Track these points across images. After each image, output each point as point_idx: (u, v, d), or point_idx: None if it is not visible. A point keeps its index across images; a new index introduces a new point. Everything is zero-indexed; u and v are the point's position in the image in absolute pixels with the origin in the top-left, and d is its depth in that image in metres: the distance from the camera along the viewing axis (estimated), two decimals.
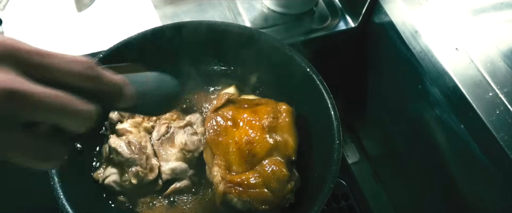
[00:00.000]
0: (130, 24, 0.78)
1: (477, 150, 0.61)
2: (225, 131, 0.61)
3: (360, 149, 1.00)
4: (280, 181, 0.58)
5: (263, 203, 0.58)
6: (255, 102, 0.67)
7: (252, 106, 0.65)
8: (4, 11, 0.80)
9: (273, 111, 0.63)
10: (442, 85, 0.65)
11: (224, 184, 0.59)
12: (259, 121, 0.61)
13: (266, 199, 0.58)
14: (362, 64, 0.88)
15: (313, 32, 0.80)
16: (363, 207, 0.84)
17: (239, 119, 0.62)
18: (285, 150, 0.61)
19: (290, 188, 0.59)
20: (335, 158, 0.58)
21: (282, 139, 0.61)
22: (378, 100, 0.89)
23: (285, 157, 0.60)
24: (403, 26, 0.71)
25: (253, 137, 0.60)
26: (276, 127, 0.62)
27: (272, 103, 0.65)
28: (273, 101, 0.66)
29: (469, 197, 0.68)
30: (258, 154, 0.59)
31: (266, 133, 0.61)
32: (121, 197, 0.62)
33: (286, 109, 0.64)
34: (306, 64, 0.65)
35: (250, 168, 0.59)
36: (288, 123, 0.63)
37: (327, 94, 0.63)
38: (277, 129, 0.62)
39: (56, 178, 0.54)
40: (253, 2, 0.84)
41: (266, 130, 0.61)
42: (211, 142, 0.61)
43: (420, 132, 0.75)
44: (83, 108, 0.29)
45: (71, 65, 0.30)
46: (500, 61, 0.60)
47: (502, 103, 0.58)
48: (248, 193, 0.58)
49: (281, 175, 0.58)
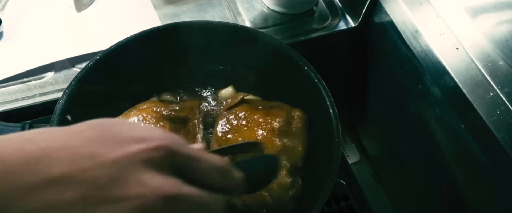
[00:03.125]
0: (130, 24, 0.78)
1: (478, 150, 0.61)
2: (236, 130, 0.61)
3: (360, 149, 1.00)
4: (282, 187, 0.58)
5: (262, 206, 0.58)
6: (269, 104, 0.67)
7: (266, 108, 0.65)
8: (4, 11, 0.80)
9: (287, 115, 0.63)
10: (443, 85, 0.64)
11: None
12: (271, 124, 0.61)
13: (265, 203, 0.58)
14: (362, 64, 0.88)
15: (313, 32, 0.80)
16: (363, 207, 0.84)
17: (251, 119, 0.62)
18: (293, 155, 0.60)
19: (291, 194, 0.59)
20: (335, 156, 0.58)
21: (291, 144, 0.60)
22: (378, 100, 0.89)
23: (291, 162, 0.60)
24: (403, 25, 0.71)
25: (262, 138, 0.60)
26: (287, 132, 0.61)
27: (287, 108, 0.65)
28: (288, 106, 0.66)
29: (469, 197, 0.68)
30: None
31: (276, 136, 0.60)
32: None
33: (300, 115, 0.64)
34: (304, 63, 0.65)
35: None
36: (300, 130, 0.62)
37: (326, 92, 0.63)
38: (288, 134, 0.61)
39: None
40: (253, 2, 0.84)
41: (277, 133, 0.60)
42: (220, 138, 0.61)
43: (421, 132, 0.75)
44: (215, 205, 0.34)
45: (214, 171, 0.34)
46: (501, 61, 0.60)
47: (503, 103, 0.57)
48: (248, 195, 0.58)
49: (284, 181, 0.58)
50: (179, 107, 0.66)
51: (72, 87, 0.61)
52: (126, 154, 0.29)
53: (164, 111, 0.64)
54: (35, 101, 0.70)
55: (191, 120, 0.64)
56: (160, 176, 0.31)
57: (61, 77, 0.73)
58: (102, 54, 0.65)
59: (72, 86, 0.61)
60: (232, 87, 0.73)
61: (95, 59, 0.64)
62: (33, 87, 0.71)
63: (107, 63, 0.65)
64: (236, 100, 0.65)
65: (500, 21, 0.64)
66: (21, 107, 0.69)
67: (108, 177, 0.28)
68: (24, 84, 0.72)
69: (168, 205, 0.30)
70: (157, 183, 0.30)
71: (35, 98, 0.70)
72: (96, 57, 0.64)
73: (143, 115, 0.62)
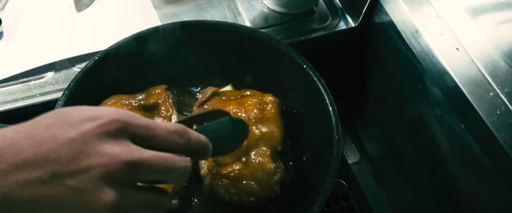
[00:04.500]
0: (130, 24, 0.78)
1: (478, 150, 0.61)
2: None
3: (360, 149, 1.00)
4: (267, 173, 0.59)
5: (250, 195, 0.59)
6: (241, 93, 0.67)
7: (238, 98, 0.65)
8: (4, 11, 0.80)
9: (259, 102, 0.64)
10: (443, 85, 0.64)
11: (211, 176, 0.59)
12: (246, 112, 0.62)
13: (252, 191, 0.59)
14: (362, 64, 0.88)
15: (313, 32, 0.80)
16: (363, 207, 0.84)
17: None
18: (271, 140, 0.61)
19: (276, 180, 0.60)
20: (335, 153, 0.58)
21: (268, 130, 0.62)
22: (378, 100, 0.89)
23: (271, 147, 0.61)
24: (403, 25, 0.71)
25: None
26: (262, 118, 0.63)
27: (258, 94, 0.66)
28: (259, 92, 0.67)
29: (469, 197, 0.68)
30: (245, 145, 0.59)
31: (252, 124, 0.61)
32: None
33: (272, 100, 0.65)
34: (303, 61, 0.65)
35: (237, 159, 0.60)
36: (274, 114, 0.64)
37: (325, 90, 0.63)
38: (263, 120, 0.63)
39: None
40: (253, 1, 0.84)
41: (253, 121, 0.61)
42: None
43: (421, 132, 0.75)
44: (182, 165, 0.37)
45: (170, 135, 0.37)
46: (501, 61, 0.60)
47: (503, 103, 0.57)
48: (235, 185, 0.59)
49: (267, 167, 0.59)
50: (145, 95, 0.66)
51: (71, 88, 0.61)
52: (82, 132, 0.33)
53: (133, 102, 0.65)
54: (35, 101, 0.70)
55: (162, 104, 0.65)
56: (119, 145, 0.33)
57: (61, 77, 0.73)
58: (102, 54, 0.65)
59: (71, 87, 0.61)
60: (231, 86, 0.73)
61: (94, 59, 0.64)
62: (33, 87, 0.72)
63: (107, 63, 0.65)
64: (206, 95, 0.65)
65: (500, 21, 0.64)
66: (21, 107, 0.69)
67: (70, 154, 0.32)
68: (24, 84, 0.72)
69: (131, 170, 0.33)
70: (117, 151, 0.33)
71: (35, 98, 0.70)
72: (95, 58, 0.64)
73: None
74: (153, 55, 0.69)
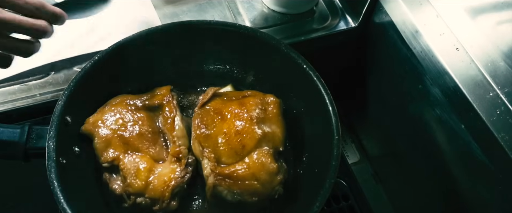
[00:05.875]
0: (130, 24, 0.78)
1: (478, 150, 0.61)
2: (214, 124, 0.62)
3: (360, 149, 1.00)
4: (269, 173, 0.59)
5: (253, 195, 0.59)
6: (242, 94, 0.67)
7: (239, 98, 0.65)
8: None
9: (261, 102, 0.64)
10: (443, 85, 0.64)
11: (214, 176, 0.59)
12: (247, 112, 0.62)
13: (255, 191, 0.59)
14: (362, 64, 0.88)
15: (313, 32, 0.80)
16: (363, 207, 0.84)
17: (227, 112, 0.63)
18: (274, 141, 0.61)
19: (279, 179, 0.60)
20: (335, 153, 0.58)
21: (271, 130, 0.62)
22: (378, 100, 0.89)
23: (273, 147, 0.61)
24: (403, 26, 0.71)
25: (242, 128, 0.61)
26: (264, 118, 0.63)
27: (260, 94, 0.66)
28: (261, 93, 0.67)
29: (469, 197, 0.68)
30: (247, 145, 0.60)
31: (254, 124, 0.61)
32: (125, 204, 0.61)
33: (274, 100, 0.65)
34: (303, 61, 0.65)
35: (239, 159, 0.60)
36: (276, 115, 0.64)
37: (325, 90, 0.63)
38: (265, 120, 0.63)
39: (56, 183, 0.54)
40: (253, 2, 0.84)
41: (255, 121, 0.61)
42: (199, 136, 0.61)
43: (421, 132, 0.75)
44: (37, 23, 0.51)
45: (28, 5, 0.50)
46: (501, 61, 0.60)
47: (502, 103, 0.57)
48: (238, 185, 0.59)
49: (270, 167, 0.59)
50: (150, 95, 0.67)
51: (71, 88, 0.61)
52: None
53: (138, 102, 0.65)
54: (35, 101, 0.70)
55: (167, 105, 0.65)
56: None
57: (61, 77, 0.73)
58: (101, 54, 0.64)
59: (71, 87, 0.61)
60: (231, 86, 0.73)
61: (93, 59, 0.64)
62: (33, 87, 0.71)
63: (107, 63, 0.65)
64: (207, 96, 0.65)
65: (500, 21, 0.64)
66: (21, 107, 0.69)
67: None
68: (24, 84, 0.72)
69: None
70: None
71: (35, 98, 0.70)
72: (95, 58, 0.64)
73: (118, 110, 0.63)
74: (153, 55, 0.69)
